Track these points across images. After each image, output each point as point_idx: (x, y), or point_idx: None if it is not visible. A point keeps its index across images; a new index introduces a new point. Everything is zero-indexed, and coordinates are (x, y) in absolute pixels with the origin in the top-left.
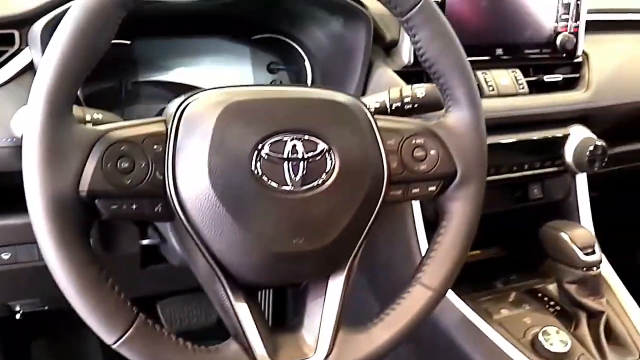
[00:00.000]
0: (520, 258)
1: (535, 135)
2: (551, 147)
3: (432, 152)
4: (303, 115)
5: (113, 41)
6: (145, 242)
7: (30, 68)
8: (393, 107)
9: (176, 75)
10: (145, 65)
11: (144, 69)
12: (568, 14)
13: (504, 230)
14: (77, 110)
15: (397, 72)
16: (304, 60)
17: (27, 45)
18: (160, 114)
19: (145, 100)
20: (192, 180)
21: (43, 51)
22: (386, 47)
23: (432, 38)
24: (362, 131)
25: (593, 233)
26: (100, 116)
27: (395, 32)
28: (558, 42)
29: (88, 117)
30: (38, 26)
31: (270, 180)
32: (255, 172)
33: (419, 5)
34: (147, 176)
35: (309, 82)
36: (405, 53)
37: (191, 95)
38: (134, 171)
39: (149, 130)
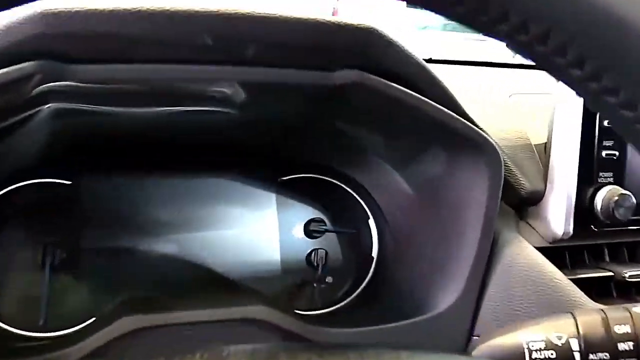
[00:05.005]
0: None
1: None
2: None
3: None
4: None
5: (38, 180)
6: None
7: None
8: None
9: (143, 242)
10: (93, 221)
11: (91, 228)
12: None
13: None
14: None
15: (540, 248)
16: (368, 218)
17: None
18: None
19: (86, 289)
20: None
21: None
22: (521, 204)
23: None
24: None
25: None
26: None
27: (537, 177)
28: None
29: None
30: None
31: None
32: None
33: None
34: None
35: (374, 254)
36: (560, 216)
37: None
38: None
39: None
